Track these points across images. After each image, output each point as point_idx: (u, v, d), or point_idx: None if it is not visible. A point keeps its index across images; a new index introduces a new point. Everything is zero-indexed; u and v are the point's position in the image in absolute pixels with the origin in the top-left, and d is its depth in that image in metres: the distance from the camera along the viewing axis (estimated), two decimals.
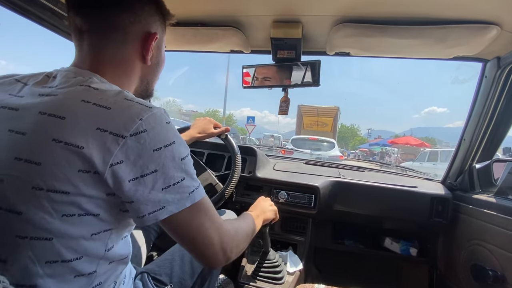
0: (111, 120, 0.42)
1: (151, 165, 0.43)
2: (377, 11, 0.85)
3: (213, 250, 0.51)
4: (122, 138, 0.41)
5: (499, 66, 0.99)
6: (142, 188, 0.43)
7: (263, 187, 1.29)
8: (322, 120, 12.99)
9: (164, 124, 0.45)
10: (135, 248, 0.88)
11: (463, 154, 1.17)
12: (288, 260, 1.17)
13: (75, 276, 0.45)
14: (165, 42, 0.63)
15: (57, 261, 0.42)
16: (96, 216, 0.44)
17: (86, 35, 0.51)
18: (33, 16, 0.91)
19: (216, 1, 0.89)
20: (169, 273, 0.70)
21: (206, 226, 0.50)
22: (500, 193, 1.00)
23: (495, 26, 0.81)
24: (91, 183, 0.42)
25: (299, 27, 0.97)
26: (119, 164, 0.41)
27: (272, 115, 70.01)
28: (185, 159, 0.47)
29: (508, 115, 1.04)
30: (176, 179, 0.45)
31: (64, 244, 0.43)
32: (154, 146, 0.43)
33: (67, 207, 0.41)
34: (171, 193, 0.45)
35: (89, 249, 0.45)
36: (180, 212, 0.46)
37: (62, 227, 0.42)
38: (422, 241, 1.37)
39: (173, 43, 1.20)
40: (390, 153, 17.18)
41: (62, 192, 0.41)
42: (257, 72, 1.15)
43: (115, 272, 0.52)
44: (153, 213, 0.44)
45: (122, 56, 0.54)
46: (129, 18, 0.52)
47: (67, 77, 0.48)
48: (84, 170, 0.41)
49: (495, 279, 0.90)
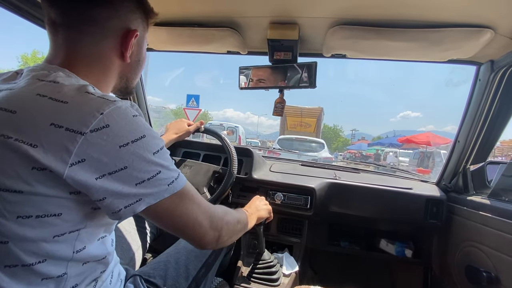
0: (67, 115, 0.39)
1: (119, 162, 0.40)
2: (373, 14, 0.85)
3: (203, 231, 0.52)
4: (81, 135, 0.38)
5: (493, 69, 1.00)
6: (112, 185, 0.41)
7: (259, 188, 1.28)
8: (305, 121, 13.00)
9: (130, 118, 0.42)
10: (130, 251, 0.87)
11: (457, 156, 1.18)
12: (284, 261, 1.16)
13: (42, 279, 0.42)
14: (146, 40, 0.61)
15: (16, 265, 0.40)
16: (58, 216, 0.41)
17: (61, 29, 0.49)
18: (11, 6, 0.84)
19: (213, 2, 0.88)
20: (163, 276, 0.69)
21: (192, 211, 0.50)
22: (493, 195, 1.01)
23: (489, 30, 0.82)
24: (48, 182, 0.39)
25: (295, 29, 0.97)
26: (80, 163, 0.38)
27: (255, 116, 70.00)
28: (160, 152, 0.45)
29: (501, 117, 1.06)
30: (150, 173, 0.43)
31: (22, 248, 0.40)
32: (120, 142, 0.40)
33: (22, 208, 0.39)
34: (147, 187, 0.43)
35: (52, 252, 0.42)
36: (160, 203, 0.45)
37: (19, 229, 0.39)
38: (417, 242, 1.38)
39: (169, 44, 1.19)
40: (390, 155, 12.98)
41: (14, 191, 0.38)
42: (253, 73, 1.15)
43: (92, 273, 0.49)
44: (129, 206, 0.42)
45: (99, 52, 0.51)
46: (107, 13, 0.50)
47: (31, 71, 0.45)
48: (38, 168, 0.38)
49: (489, 280, 0.90)
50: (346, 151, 22.08)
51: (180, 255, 0.76)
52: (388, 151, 14.57)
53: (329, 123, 50.81)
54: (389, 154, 13.50)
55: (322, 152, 6.95)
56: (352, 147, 25.67)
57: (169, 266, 0.72)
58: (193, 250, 0.80)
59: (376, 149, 17.33)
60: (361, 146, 23.99)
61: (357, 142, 32.00)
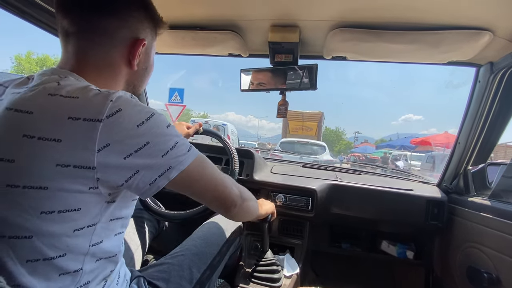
0: (81, 108, 0.42)
1: (141, 139, 0.43)
2: (373, 16, 0.86)
3: (228, 190, 0.58)
4: (99, 122, 0.41)
5: (492, 71, 1.01)
6: (141, 160, 0.44)
7: (261, 190, 1.29)
8: (306, 125, 13.58)
9: (135, 102, 0.46)
10: (130, 251, 0.87)
11: (458, 158, 1.19)
12: (285, 263, 1.16)
13: (60, 274, 0.44)
14: (155, 48, 0.63)
15: (38, 259, 0.42)
16: (77, 211, 0.43)
17: (72, 37, 0.52)
18: (29, 17, 0.89)
19: (214, 5, 0.90)
20: (166, 279, 0.69)
21: (216, 172, 0.57)
22: (494, 196, 1.01)
23: (488, 32, 0.83)
24: (70, 177, 0.41)
25: (296, 32, 0.98)
26: (106, 147, 0.41)
27: (256, 120, 71.27)
28: (170, 126, 0.49)
29: (501, 119, 1.06)
30: (171, 143, 0.47)
31: (45, 242, 0.42)
32: (137, 122, 0.43)
33: (45, 204, 0.41)
34: (172, 156, 0.47)
35: (72, 245, 0.44)
36: (188, 168, 0.49)
37: (42, 224, 0.41)
38: (418, 244, 1.38)
39: (173, 46, 1.20)
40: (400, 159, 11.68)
41: (39, 188, 0.40)
42: (255, 76, 1.16)
43: (103, 271, 0.51)
44: (163, 175, 0.46)
45: (108, 60, 0.54)
46: (117, 23, 0.52)
47: (43, 76, 0.48)
48: (62, 165, 0.40)
49: (490, 281, 0.91)
50: (350, 154, 21.51)
51: (185, 258, 0.76)
52: (397, 154, 13.36)
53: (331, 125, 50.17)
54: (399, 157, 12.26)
55: (323, 155, 6.89)
56: (357, 150, 24.83)
57: (173, 269, 0.72)
58: (198, 253, 0.79)
59: (384, 152, 16.86)
60: (366, 148, 22.95)
61: (360, 145, 30.86)
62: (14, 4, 0.84)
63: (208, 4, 0.89)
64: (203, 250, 0.81)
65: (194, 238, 0.86)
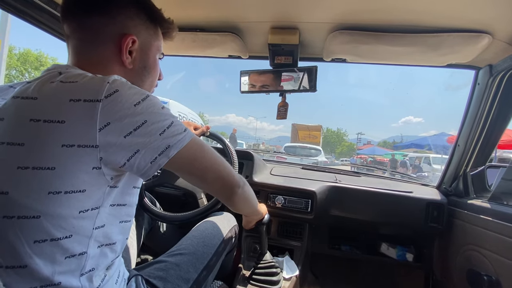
0: (81, 90, 0.44)
1: (139, 118, 0.45)
2: (372, 18, 0.86)
3: (228, 170, 0.59)
4: (98, 102, 0.43)
5: (491, 74, 1.01)
6: (140, 138, 0.45)
7: (260, 191, 1.28)
8: (312, 134, 17.68)
9: (130, 84, 0.48)
10: (124, 250, 0.87)
11: (458, 160, 1.19)
12: (285, 265, 1.16)
13: (66, 257, 0.45)
14: (158, 49, 0.64)
15: (45, 240, 0.43)
16: (82, 192, 0.45)
17: (70, 39, 0.56)
18: (31, 19, 0.91)
19: (214, 7, 0.90)
20: (163, 278, 0.69)
21: (215, 155, 0.57)
22: (494, 198, 1.01)
23: (487, 35, 0.84)
24: (75, 156, 0.43)
25: (296, 34, 0.98)
26: (107, 126, 0.43)
27: (257, 122, 72.52)
28: (165, 107, 0.50)
29: (500, 121, 1.06)
30: (167, 122, 0.48)
31: (53, 222, 0.43)
32: (134, 101, 0.45)
33: (53, 184, 0.42)
34: (170, 135, 0.48)
35: (77, 227, 0.46)
36: (186, 147, 0.50)
37: (50, 205, 0.43)
38: (418, 246, 1.37)
39: (173, 48, 1.20)
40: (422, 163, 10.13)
41: (47, 169, 0.42)
42: (255, 78, 1.16)
43: (105, 259, 0.52)
44: (162, 153, 0.48)
45: (98, 58, 0.55)
46: (104, 20, 0.54)
47: (47, 71, 0.51)
48: (67, 145, 0.42)
49: (490, 284, 0.90)
50: (356, 156, 21.25)
51: (182, 257, 0.76)
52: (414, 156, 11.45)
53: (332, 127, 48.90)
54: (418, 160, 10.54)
55: (319, 157, 8.02)
56: (364, 152, 23.73)
57: (170, 269, 0.72)
58: (195, 253, 0.80)
59: (392, 153, 15.68)
60: (375, 150, 21.90)
61: (363, 146, 29.74)
62: (13, 4, 0.84)
63: (208, 5, 0.89)
64: (200, 250, 0.81)
65: (190, 237, 0.86)
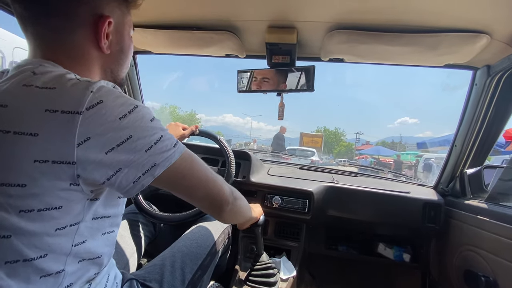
0: (59, 99, 0.39)
1: (123, 132, 0.41)
2: (370, 18, 0.86)
3: (218, 187, 0.55)
4: (78, 114, 0.38)
5: (489, 74, 1.01)
6: (124, 155, 0.41)
7: (257, 192, 1.28)
8: (315, 139, 20.00)
9: (118, 93, 0.43)
10: (125, 255, 0.86)
11: (455, 160, 1.19)
12: (282, 266, 1.15)
13: (41, 276, 0.42)
14: (130, 25, 0.56)
15: (18, 260, 0.39)
16: (58, 209, 0.40)
17: (29, 23, 0.46)
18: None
19: (211, 6, 0.89)
20: (159, 280, 0.68)
21: (205, 168, 0.53)
22: (490, 199, 1.01)
23: (485, 35, 0.83)
24: (50, 173, 0.38)
25: (294, 33, 0.97)
26: (86, 141, 0.39)
27: (254, 122, 72.94)
28: (155, 119, 0.46)
29: (497, 122, 1.06)
30: (155, 138, 0.44)
31: (25, 242, 0.39)
32: (119, 114, 0.41)
33: (24, 202, 0.38)
34: (157, 151, 0.44)
35: (54, 245, 0.42)
36: (175, 165, 0.46)
37: (21, 223, 0.39)
38: (415, 246, 1.38)
39: (169, 47, 1.19)
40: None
41: (18, 186, 0.38)
42: (252, 77, 1.15)
43: (86, 273, 0.49)
44: (147, 172, 0.43)
45: (72, 45, 0.48)
46: (73, 1, 0.46)
47: (17, 67, 0.45)
48: (41, 160, 0.38)
49: (488, 284, 0.90)
50: (358, 157, 20.33)
51: (176, 258, 0.76)
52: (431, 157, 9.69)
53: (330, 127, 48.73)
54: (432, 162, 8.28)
55: (313, 157, 9.19)
56: (367, 151, 22.24)
57: (165, 270, 0.71)
58: (189, 253, 0.79)
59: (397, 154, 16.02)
60: (379, 150, 20.60)
61: (361, 147, 29.22)
62: None
63: (205, 4, 0.88)
64: (194, 251, 0.81)
65: (184, 239, 0.86)
